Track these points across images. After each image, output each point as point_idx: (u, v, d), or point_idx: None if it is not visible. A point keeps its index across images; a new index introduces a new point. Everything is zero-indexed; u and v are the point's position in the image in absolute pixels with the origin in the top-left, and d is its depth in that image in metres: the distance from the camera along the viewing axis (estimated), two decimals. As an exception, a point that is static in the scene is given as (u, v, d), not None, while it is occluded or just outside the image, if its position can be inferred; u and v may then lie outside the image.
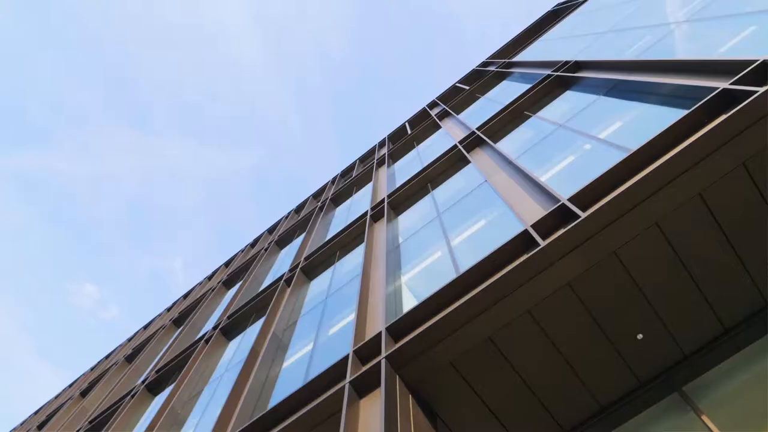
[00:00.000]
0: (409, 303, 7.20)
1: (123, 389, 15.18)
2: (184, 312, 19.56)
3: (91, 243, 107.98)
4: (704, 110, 5.38)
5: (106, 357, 27.47)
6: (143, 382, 13.59)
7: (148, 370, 15.62)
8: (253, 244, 23.64)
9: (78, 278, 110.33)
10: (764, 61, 5.29)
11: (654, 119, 6.74)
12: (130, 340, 26.57)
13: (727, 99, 5.36)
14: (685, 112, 5.52)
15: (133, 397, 12.90)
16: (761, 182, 5.24)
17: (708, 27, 7.99)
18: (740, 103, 5.04)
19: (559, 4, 20.48)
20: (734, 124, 4.99)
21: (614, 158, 6.17)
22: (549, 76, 11.17)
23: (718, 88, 5.51)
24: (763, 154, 5.10)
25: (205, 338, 12.79)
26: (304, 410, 6.01)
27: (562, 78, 10.67)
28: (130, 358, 19.20)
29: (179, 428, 9.58)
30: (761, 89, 4.93)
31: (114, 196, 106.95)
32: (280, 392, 7.67)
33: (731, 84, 5.39)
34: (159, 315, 26.68)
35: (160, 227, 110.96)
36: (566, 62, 11.14)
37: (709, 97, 5.42)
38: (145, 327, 26.41)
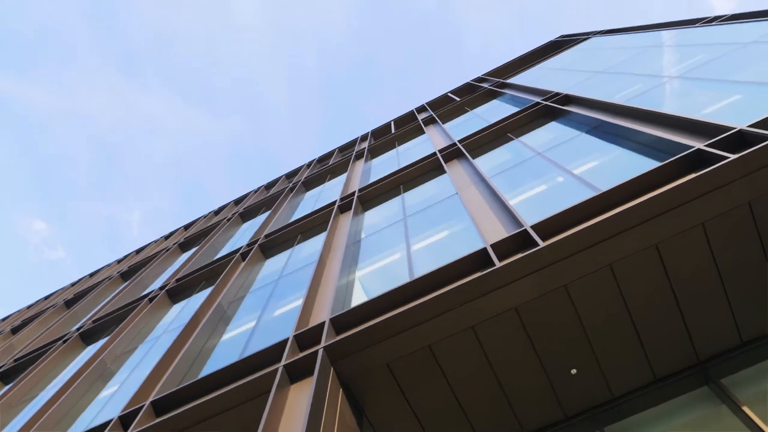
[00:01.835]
0: (358, 298, 7.20)
1: (56, 333, 14.79)
2: (134, 266, 19.18)
3: (51, 178, 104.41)
4: (676, 166, 5.52)
5: (46, 298, 26.77)
6: (78, 329, 13.28)
7: (86, 318, 15.28)
8: (217, 212, 23.33)
9: (30, 211, 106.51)
10: (740, 130, 5.44)
11: (628, 165, 6.89)
12: (73, 284, 25.95)
13: (699, 159, 5.50)
14: (658, 164, 5.66)
15: (65, 342, 12.60)
16: (716, 246, 5.39)
17: (696, 87, 8.20)
18: (711, 166, 5.18)
19: (561, 36, 20.75)
20: (701, 184, 5.12)
21: (582, 195, 6.28)
22: (538, 103, 11.31)
23: (693, 147, 5.66)
24: (724, 218, 5.25)
25: (149, 296, 12.57)
26: (233, 385, 5.95)
27: (550, 108, 10.81)
28: (69, 303, 18.75)
29: (105, 382, 9.38)
30: (733, 156, 5.07)
31: (85, 137, 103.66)
32: (214, 364, 7.58)
33: (706, 145, 5.53)
34: (108, 265, 26.12)
35: (125, 177, 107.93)
36: (557, 93, 11.29)
37: (683, 153, 5.56)
38: (92, 274, 25.83)
